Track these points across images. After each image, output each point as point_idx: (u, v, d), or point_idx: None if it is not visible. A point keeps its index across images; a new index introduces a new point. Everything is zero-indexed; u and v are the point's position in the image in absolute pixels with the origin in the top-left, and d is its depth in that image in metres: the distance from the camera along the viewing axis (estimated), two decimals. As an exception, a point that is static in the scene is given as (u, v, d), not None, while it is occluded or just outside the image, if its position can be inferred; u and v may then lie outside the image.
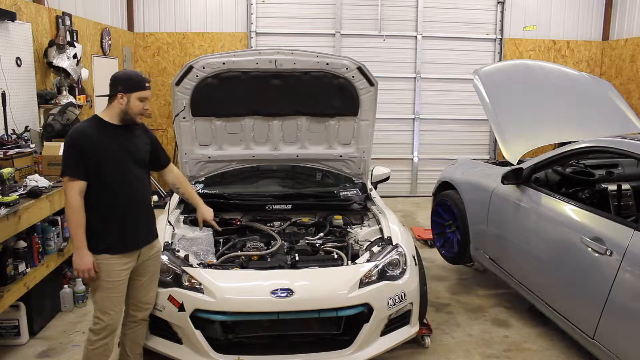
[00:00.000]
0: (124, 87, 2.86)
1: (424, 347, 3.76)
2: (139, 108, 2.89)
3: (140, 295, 3.09)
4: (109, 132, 2.88)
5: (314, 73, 4.11)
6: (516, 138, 4.49)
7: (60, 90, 5.50)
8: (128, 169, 2.91)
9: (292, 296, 3.15)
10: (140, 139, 3.03)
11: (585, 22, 8.85)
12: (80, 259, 2.79)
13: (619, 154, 3.46)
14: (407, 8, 8.45)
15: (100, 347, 2.91)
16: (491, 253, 4.40)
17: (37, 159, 4.40)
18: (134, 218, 2.95)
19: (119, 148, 2.88)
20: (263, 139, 4.44)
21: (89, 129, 2.86)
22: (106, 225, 2.86)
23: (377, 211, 4.23)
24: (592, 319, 3.16)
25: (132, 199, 2.94)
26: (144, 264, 3.05)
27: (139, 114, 2.92)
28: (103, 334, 2.89)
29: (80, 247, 2.79)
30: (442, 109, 8.71)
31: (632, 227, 3.00)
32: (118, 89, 2.87)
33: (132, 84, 2.88)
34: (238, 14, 8.41)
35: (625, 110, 4.89)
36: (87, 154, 2.78)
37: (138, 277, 3.05)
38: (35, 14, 5.29)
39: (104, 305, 2.88)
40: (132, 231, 2.95)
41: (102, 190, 2.84)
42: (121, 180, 2.88)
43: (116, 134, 2.90)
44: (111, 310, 2.89)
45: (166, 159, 3.29)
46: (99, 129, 2.87)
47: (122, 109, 2.88)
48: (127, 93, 2.86)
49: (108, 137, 2.86)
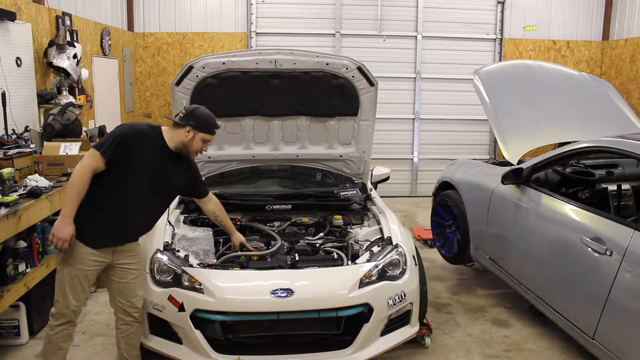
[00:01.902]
0: (196, 124, 2.97)
1: (424, 347, 3.76)
2: (199, 147, 3.02)
3: (125, 296, 3.08)
4: (160, 151, 2.95)
5: (314, 73, 4.11)
6: (516, 138, 4.49)
7: (60, 90, 5.50)
8: (149, 191, 2.94)
9: (292, 296, 3.15)
10: (182, 176, 3.12)
11: (585, 22, 8.85)
12: (62, 226, 2.77)
13: (619, 154, 3.46)
14: (407, 8, 8.46)
15: (59, 333, 2.93)
16: (491, 253, 4.40)
17: (37, 159, 4.40)
18: (124, 223, 2.96)
19: (157, 172, 2.94)
20: (263, 139, 4.44)
21: (147, 132, 2.94)
22: (96, 219, 2.86)
23: (377, 211, 4.23)
24: (592, 319, 3.16)
25: (130, 212, 2.94)
26: (120, 265, 3.03)
27: (196, 152, 3.04)
28: (61, 320, 2.92)
29: (67, 215, 2.77)
30: (442, 109, 8.71)
31: (632, 227, 2.99)
32: (190, 122, 2.96)
33: (205, 126, 2.99)
34: (238, 14, 8.41)
35: (625, 110, 4.89)
36: (128, 149, 2.81)
37: (119, 279, 3.05)
38: (35, 14, 5.30)
39: (65, 292, 2.88)
40: (116, 232, 2.95)
41: (114, 190, 2.86)
42: (136, 194, 2.91)
43: (165, 158, 2.97)
44: (72, 298, 2.89)
45: (202, 190, 3.44)
46: (155, 140, 2.94)
47: (184, 142, 2.97)
48: (195, 130, 2.95)
49: (155, 152, 2.92)
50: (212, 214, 3.57)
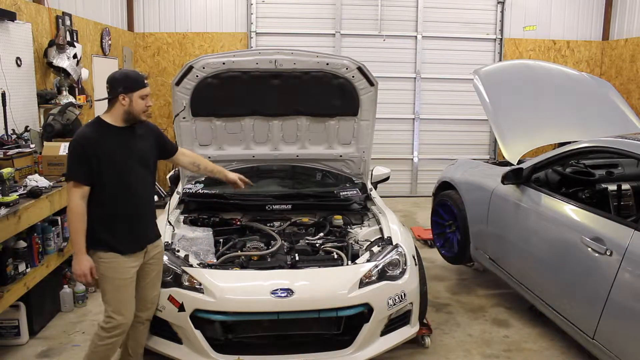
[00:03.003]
0: (124, 87, 2.85)
1: (424, 347, 3.76)
2: (142, 106, 2.89)
3: (145, 294, 3.10)
4: (112, 134, 2.88)
5: (314, 73, 4.11)
6: (516, 138, 4.49)
7: (60, 90, 5.50)
8: (132, 170, 2.91)
9: (292, 296, 3.16)
10: (144, 139, 3.02)
11: (585, 22, 8.85)
12: (78, 263, 2.82)
13: (619, 154, 3.46)
14: (407, 8, 8.45)
15: (109, 345, 2.92)
16: (491, 253, 4.40)
17: (37, 159, 4.40)
18: (138, 218, 2.98)
19: (122, 150, 2.89)
20: (263, 139, 4.44)
21: (92, 132, 2.87)
22: (112, 225, 2.88)
23: (377, 211, 4.23)
24: (592, 319, 3.16)
25: (136, 199, 2.95)
26: (148, 263, 3.07)
27: (143, 112, 2.92)
28: (114, 332, 2.90)
29: (78, 252, 2.81)
30: (442, 109, 8.70)
31: (632, 227, 2.99)
32: (118, 90, 2.85)
33: (132, 84, 2.87)
34: (238, 14, 8.41)
35: (625, 110, 4.89)
36: (91, 158, 2.79)
37: (143, 277, 3.07)
38: (35, 14, 5.29)
39: (117, 305, 2.90)
40: (137, 231, 2.98)
41: (107, 192, 2.85)
42: (125, 181, 2.89)
43: (120, 135, 2.90)
44: (124, 309, 2.91)
45: (173, 147, 3.31)
46: (102, 131, 2.87)
47: (126, 109, 2.87)
48: (128, 93, 2.85)
49: (112, 140, 2.87)
50: (192, 165, 3.41)
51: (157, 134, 3.16)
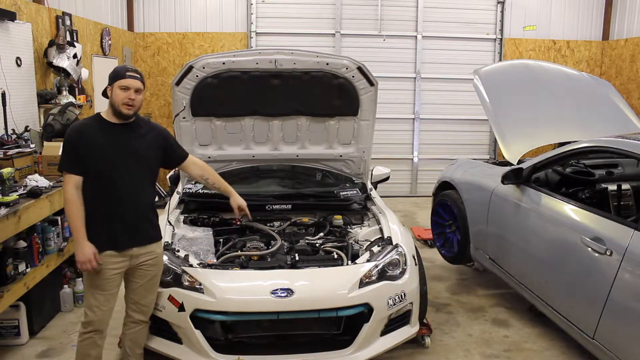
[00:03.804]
0: (110, 79, 2.87)
1: (424, 347, 3.76)
2: (121, 97, 2.82)
3: (137, 297, 3.07)
4: (107, 130, 2.87)
5: (314, 73, 4.10)
6: (516, 138, 4.48)
7: (60, 90, 5.50)
8: (119, 168, 2.86)
9: (292, 296, 3.15)
10: (143, 139, 2.97)
11: (585, 22, 8.85)
12: (80, 250, 2.78)
13: (619, 154, 3.46)
14: (407, 8, 8.45)
15: (86, 341, 2.92)
16: (491, 253, 4.40)
17: (37, 159, 4.40)
18: (123, 218, 2.89)
19: (115, 147, 2.86)
20: (263, 139, 4.43)
21: (85, 126, 2.88)
22: (90, 219, 2.83)
23: (377, 211, 4.23)
24: (592, 319, 3.16)
25: (120, 198, 2.87)
26: (139, 267, 2.99)
27: (123, 104, 2.82)
28: (87, 328, 2.90)
29: (79, 238, 2.79)
30: (442, 109, 8.71)
31: (632, 227, 2.99)
32: (107, 86, 2.89)
33: (115, 74, 2.87)
34: (238, 14, 8.41)
35: (625, 110, 4.89)
36: (79, 151, 2.80)
37: (134, 279, 3.03)
38: (35, 14, 5.29)
39: (89, 302, 2.89)
40: (115, 232, 2.88)
41: (90, 185, 2.83)
42: (109, 178, 2.84)
43: (115, 132, 2.88)
44: (95, 308, 2.87)
45: (183, 153, 3.25)
46: (95, 126, 2.88)
47: (110, 102, 2.88)
48: (111, 84, 2.86)
49: (105, 135, 2.85)
50: (201, 177, 3.36)
51: (163, 136, 3.10)
